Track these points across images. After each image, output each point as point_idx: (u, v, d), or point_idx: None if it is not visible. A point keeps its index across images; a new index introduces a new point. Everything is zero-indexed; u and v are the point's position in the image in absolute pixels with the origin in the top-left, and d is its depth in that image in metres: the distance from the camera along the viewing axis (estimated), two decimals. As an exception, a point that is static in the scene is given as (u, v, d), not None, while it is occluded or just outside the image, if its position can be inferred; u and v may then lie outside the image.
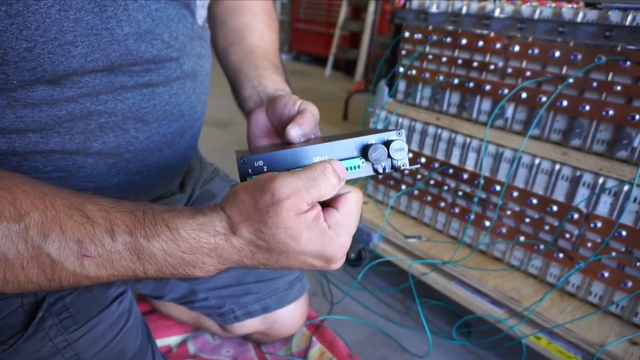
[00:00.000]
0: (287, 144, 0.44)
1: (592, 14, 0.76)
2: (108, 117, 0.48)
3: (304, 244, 0.35)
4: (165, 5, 0.48)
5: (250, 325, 0.78)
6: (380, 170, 0.41)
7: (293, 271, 0.80)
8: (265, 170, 0.40)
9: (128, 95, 0.48)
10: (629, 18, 0.72)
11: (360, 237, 1.09)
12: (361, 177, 0.42)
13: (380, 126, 1.12)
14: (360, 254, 1.15)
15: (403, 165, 0.42)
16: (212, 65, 0.64)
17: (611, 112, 0.74)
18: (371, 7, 3.56)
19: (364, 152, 0.40)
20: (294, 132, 0.43)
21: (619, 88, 0.73)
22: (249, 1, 0.66)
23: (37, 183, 0.37)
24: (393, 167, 0.42)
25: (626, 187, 0.73)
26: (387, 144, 0.41)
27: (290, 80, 0.61)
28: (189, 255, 0.36)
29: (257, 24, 0.65)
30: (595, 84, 0.76)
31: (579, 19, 0.77)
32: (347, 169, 0.40)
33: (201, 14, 0.57)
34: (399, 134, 0.41)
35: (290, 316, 0.80)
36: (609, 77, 0.75)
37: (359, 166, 0.41)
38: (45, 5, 0.38)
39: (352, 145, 0.40)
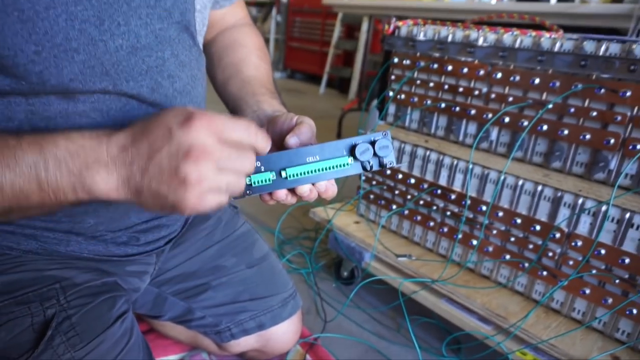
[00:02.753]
0: None
1: (569, 44, 0.81)
2: None
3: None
4: (168, 26, 0.52)
5: (246, 342, 0.80)
6: (368, 168, 0.45)
7: (286, 289, 0.82)
8: (262, 169, 0.44)
9: (135, 113, 0.52)
10: (602, 48, 0.76)
11: (353, 256, 1.12)
12: (351, 174, 0.45)
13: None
14: (352, 272, 1.18)
15: (390, 163, 0.45)
16: (207, 94, 0.68)
17: (588, 136, 0.78)
18: (364, 27, 3.63)
19: (352, 151, 0.44)
20: (293, 140, 0.47)
21: (594, 114, 0.77)
22: (242, 38, 0.72)
23: None
24: (380, 164, 0.45)
25: (604, 207, 0.77)
26: (373, 143, 0.44)
27: (285, 103, 0.66)
28: (88, 141, 0.40)
29: (252, 57, 0.69)
30: (572, 110, 0.80)
31: (557, 48, 0.82)
32: (336, 167, 0.44)
33: (199, 40, 0.61)
34: (384, 134, 0.45)
35: (284, 333, 0.82)
36: (586, 103, 0.79)
37: (347, 164, 0.45)
38: (54, 14, 0.42)
39: (341, 145, 0.45)
